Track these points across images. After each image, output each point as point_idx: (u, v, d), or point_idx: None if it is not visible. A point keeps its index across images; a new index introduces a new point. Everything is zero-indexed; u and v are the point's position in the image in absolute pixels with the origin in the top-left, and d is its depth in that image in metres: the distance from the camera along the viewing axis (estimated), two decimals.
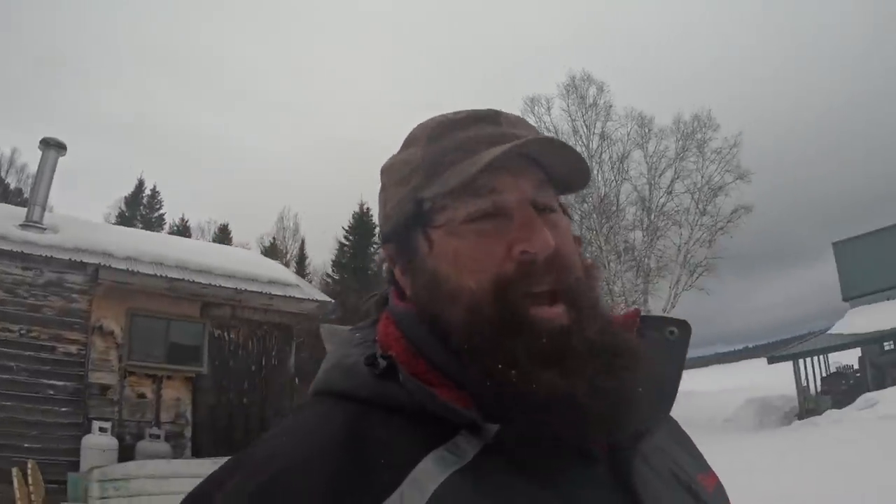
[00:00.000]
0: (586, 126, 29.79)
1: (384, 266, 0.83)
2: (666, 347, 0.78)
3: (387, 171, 0.82)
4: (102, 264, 10.97)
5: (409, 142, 0.81)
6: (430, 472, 0.60)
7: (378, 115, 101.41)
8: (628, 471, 0.70)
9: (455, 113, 0.79)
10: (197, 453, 11.44)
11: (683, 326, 0.80)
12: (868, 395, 18.91)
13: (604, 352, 0.68)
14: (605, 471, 0.69)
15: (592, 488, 0.67)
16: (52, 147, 12.57)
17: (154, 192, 48.31)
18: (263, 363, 13.27)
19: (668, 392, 0.76)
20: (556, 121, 30.15)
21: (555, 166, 0.76)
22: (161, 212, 48.29)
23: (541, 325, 0.67)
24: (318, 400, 0.72)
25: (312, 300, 13.95)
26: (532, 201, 0.73)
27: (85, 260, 10.93)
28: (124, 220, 41.53)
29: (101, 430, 10.25)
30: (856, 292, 26.97)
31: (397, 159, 0.81)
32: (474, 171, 0.69)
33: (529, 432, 0.64)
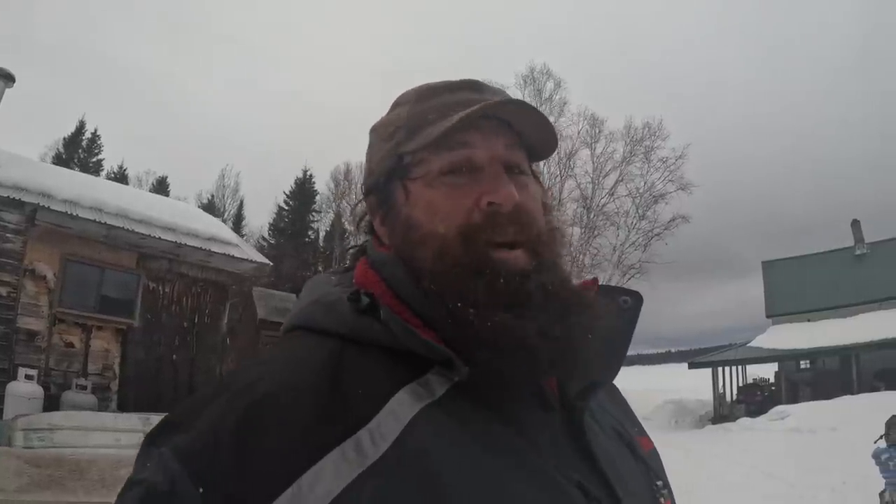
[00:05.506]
0: None
1: (364, 219, 0.89)
2: (618, 314, 0.84)
3: (375, 131, 0.88)
4: (41, 205, 10.55)
5: (397, 104, 0.88)
6: (404, 404, 0.65)
7: (332, 81, 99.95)
8: (580, 420, 0.76)
9: (443, 81, 0.87)
10: (122, 407, 11.18)
11: (636, 297, 0.87)
12: (780, 407, 19.56)
13: (559, 301, 0.74)
14: (559, 420, 0.76)
15: (549, 432, 0.74)
16: (1, 78, 11.65)
17: (95, 136, 45.91)
18: (196, 320, 13.05)
19: (618, 354, 0.81)
20: None
21: (526, 131, 0.83)
22: (100, 157, 46.17)
23: (500, 267, 0.73)
24: (295, 335, 0.76)
25: (251, 261, 13.78)
26: (502, 160, 0.80)
27: (23, 199, 10.49)
28: (61, 161, 39.14)
29: (27, 377, 9.91)
30: (779, 310, 28.02)
31: (384, 119, 0.87)
32: (447, 125, 0.76)
33: (491, 372, 0.70)
